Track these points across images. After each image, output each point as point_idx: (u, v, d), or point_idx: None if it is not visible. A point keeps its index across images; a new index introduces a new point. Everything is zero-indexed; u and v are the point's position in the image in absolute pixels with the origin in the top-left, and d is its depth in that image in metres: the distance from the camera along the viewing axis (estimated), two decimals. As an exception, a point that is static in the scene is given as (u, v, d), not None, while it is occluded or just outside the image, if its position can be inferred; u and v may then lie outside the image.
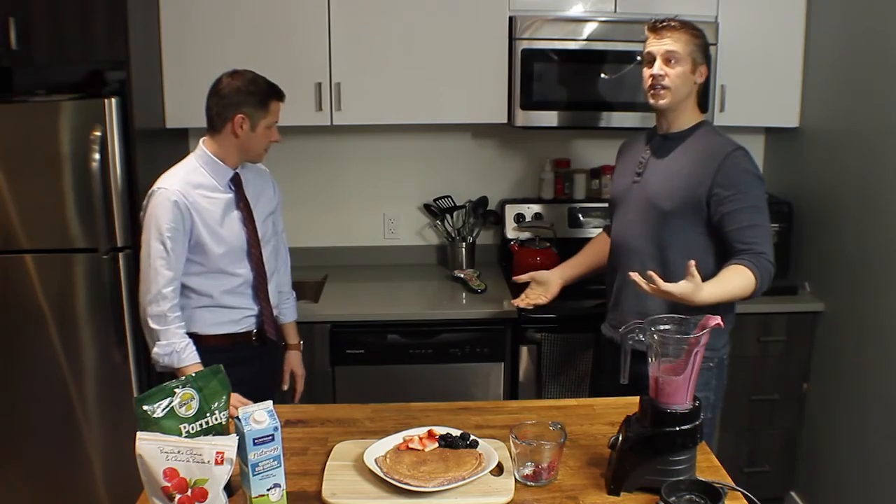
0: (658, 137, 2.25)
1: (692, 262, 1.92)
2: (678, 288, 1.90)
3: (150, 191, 2.18)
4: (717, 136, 2.19)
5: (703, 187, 2.09)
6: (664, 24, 2.15)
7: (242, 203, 2.26)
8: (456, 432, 1.68)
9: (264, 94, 2.18)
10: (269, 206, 2.39)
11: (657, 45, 2.14)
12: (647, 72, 2.17)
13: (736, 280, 2.02)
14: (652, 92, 2.16)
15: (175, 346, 2.13)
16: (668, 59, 2.12)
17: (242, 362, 2.06)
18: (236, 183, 2.27)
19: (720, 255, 2.12)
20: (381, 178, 3.40)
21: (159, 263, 2.12)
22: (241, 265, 2.26)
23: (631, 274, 1.94)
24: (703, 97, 2.91)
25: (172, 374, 2.12)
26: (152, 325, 2.13)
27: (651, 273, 1.93)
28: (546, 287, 2.48)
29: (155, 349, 2.15)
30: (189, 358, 2.14)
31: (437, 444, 1.66)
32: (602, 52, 2.91)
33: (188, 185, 2.17)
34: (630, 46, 2.91)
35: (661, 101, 2.16)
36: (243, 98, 2.16)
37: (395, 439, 1.68)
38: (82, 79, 2.97)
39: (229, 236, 2.22)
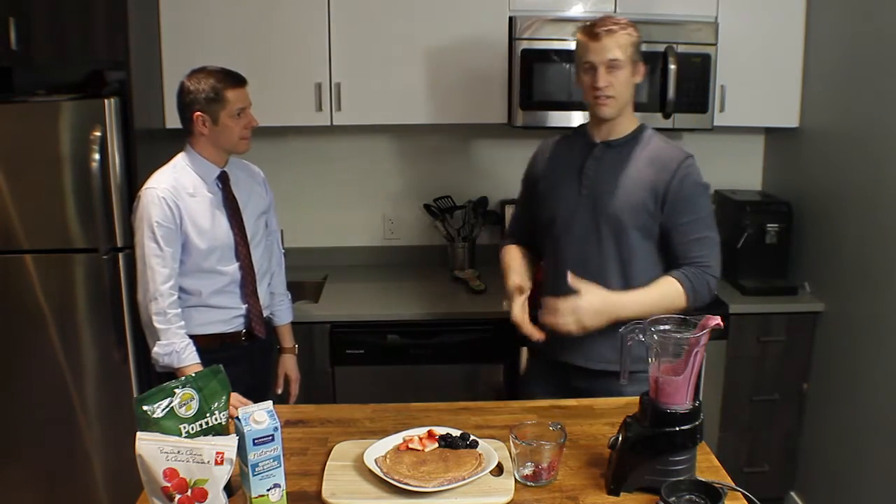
0: (599, 145, 2.11)
1: (570, 275, 1.94)
2: (585, 316, 1.92)
3: (139, 193, 2.20)
4: (666, 142, 2.11)
5: (658, 196, 2.02)
6: (602, 28, 2.01)
7: (230, 201, 2.27)
8: (456, 432, 1.68)
9: (213, 86, 2.16)
10: (261, 206, 2.40)
11: (598, 54, 2.00)
12: (587, 80, 2.04)
13: (661, 290, 1.98)
14: (596, 102, 2.04)
15: (175, 346, 2.14)
16: (611, 66, 2.01)
17: (232, 362, 2.05)
18: (224, 181, 2.28)
19: (669, 268, 2.06)
20: (381, 178, 3.41)
21: (155, 261, 2.13)
22: (228, 264, 2.27)
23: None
24: (704, 95, 2.95)
25: (172, 374, 2.12)
26: (155, 323, 2.14)
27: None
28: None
29: (155, 349, 2.15)
30: (189, 358, 2.15)
31: (436, 445, 1.65)
32: (602, 52, 2.91)
33: (176, 184, 2.19)
34: (630, 46, 2.91)
35: (609, 111, 2.04)
36: (194, 96, 2.17)
37: (395, 439, 1.68)
38: (82, 79, 2.97)
39: (217, 235, 2.23)
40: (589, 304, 1.94)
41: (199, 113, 2.17)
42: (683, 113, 2.96)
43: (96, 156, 2.58)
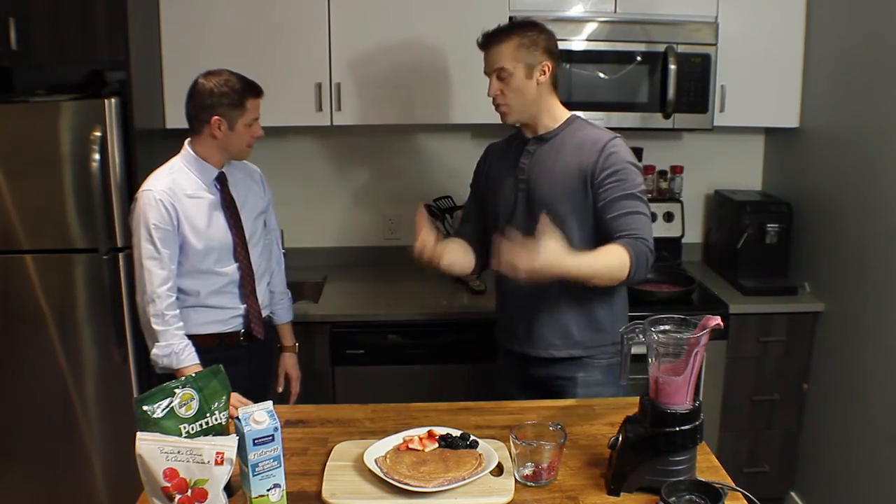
0: (532, 140, 2.16)
1: (544, 216, 1.85)
2: (545, 256, 1.79)
3: (136, 194, 2.19)
4: (592, 128, 2.13)
5: (587, 175, 2.04)
6: (488, 38, 2.08)
7: (228, 202, 2.27)
8: (456, 432, 1.68)
9: (238, 93, 2.17)
10: (259, 206, 2.40)
11: (487, 64, 2.09)
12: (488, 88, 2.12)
13: (609, 256, 1.93)
14: (497, 109, 2.12)
15: (174, 347, 2.14)
16: (499, 76, 2.07)
17: (231, 362, 2.05)
18: (222, 182, 2.28)
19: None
20: (381, 178, 3.40)
21: (152, 264, 2.14)
22: (227, 265, 2.27)
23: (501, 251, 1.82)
24: (704, 95, 2.95)
25: (172, 375, 2.12)
26: (153, 325, 2.14)
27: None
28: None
29: (154, 350, 2.15)
30: (188, 359, 2.15)
31: (436, 445, 1.66)
32: (602, 53, 2.91)
33: (174, 186, 2.18)
34: (630, 46, 2.91)
35: (508, 119, 2.12)
36: (217, 99, 2.16)
37: (395, 439, 1.68)
38: (82, 79, 2.97)
39: (215, 236, 2.23)
40: (543, 256, 1.83)
41: (218, 116, 2.17)
42: (683, 113, 2.96)
43: (96, 156, 2.58)
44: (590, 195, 2.05)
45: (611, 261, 1.93)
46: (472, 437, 1.68)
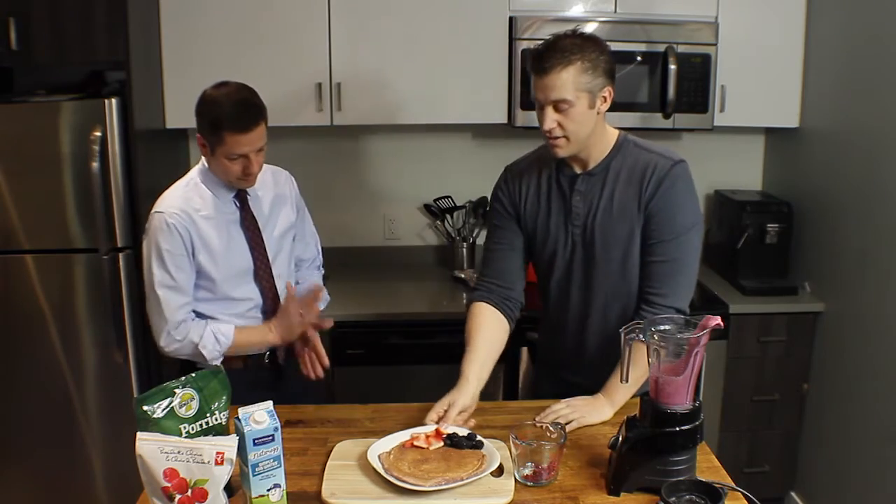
0: (582, 176, 1.91)
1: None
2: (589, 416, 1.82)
3: (151, 213, 2.02)
4: (644, 152, 1.88)
5: (640, 209, 1.84)
6: (546, 62, 1.77)
7: (249, 222, 2.09)
8: (463, 432, 1.68)
9: (215, 120, 1.90)
10: (287, 221, 2.21)
11: (543, 92, 1.79)
12: (538, 116, 1.84)
13: (637, 363, 1.68)
14: (550, 142, 1.84)
15: (213, 336, 2.02)
16: (558, 108, 1.79)
17: (259, 385, 1.96)
18: (241, 199, 2.09)
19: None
20: (381, 178, 3.40)
21: (165, 292, 1.99)
22: (247, 290, 2.10)
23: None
24: (704, 95, 2.95)
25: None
26: (177, 342, 2.01)
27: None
28: (468, 408, 1.86)
29: (206, 357, 2.02)
30: (227, 332, 2.03)
31: (442, 443, 1.65)
32: (602, 52, 2.91)
33: (188, 207, 2.00)
34: (630, 46, 2.91)
35: (563, 152, 1.85)
36: (197, 118, 1.96)
37: (403, 436, 1.68)
38: (82, 79, 2.97)
39: (233, 259, 2.06)
40: (581, 399, 1.86)
41: (200, 136, 1.98)
42: (683, 113, 2.97)
43: (96, 156, 2.58)
44: (643, 228, 1.86)
45: (640, 366, 1.70)
46: (479, 438, 1.67)
